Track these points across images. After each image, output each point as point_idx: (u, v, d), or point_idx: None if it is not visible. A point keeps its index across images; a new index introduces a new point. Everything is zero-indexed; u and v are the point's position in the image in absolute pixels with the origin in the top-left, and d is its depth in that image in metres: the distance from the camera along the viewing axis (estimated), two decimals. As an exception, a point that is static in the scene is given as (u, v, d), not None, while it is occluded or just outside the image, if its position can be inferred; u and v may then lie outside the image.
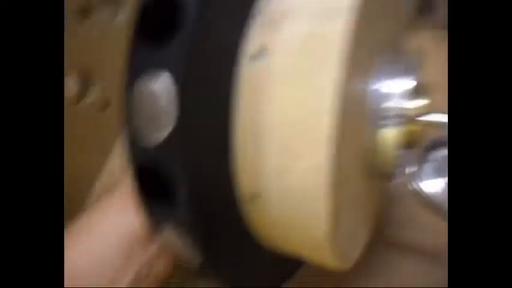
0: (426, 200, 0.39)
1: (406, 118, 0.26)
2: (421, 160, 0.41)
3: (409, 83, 0.25)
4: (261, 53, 0.20)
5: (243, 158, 0.21)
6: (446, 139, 0.48)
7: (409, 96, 0.25)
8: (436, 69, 0.54)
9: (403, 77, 0.25)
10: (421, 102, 0.26)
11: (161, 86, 0.18)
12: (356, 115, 0.23)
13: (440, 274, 0.38)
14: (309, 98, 0.19)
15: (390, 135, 0.25)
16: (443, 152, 0.42)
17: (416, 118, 0.25)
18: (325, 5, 0.20)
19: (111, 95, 0.35)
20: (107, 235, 0.22)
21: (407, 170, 0.29)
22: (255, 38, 0.21)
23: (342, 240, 0.24)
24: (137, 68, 0.18)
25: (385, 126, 0.25)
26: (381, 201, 0.38)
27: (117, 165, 0.37)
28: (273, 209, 0.22)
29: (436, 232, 0.37)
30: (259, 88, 0.20)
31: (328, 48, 0.18)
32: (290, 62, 0.19)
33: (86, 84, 0.35)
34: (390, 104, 0.25)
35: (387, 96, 0.25)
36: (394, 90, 0.25)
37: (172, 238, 0.20)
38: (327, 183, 0.18)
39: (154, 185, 0.19)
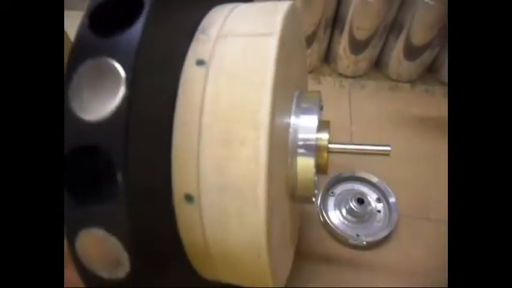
0: (331, 230, 0.45)
1: (317, 148, 0.29)
2: (325, 194, 0.48)
3: (316, 119, 0.29)
4: (203, 61, 0.22)
5: (182, 156, 0.22)
6: (348, 175, 0.56)
7: (317, 130, 0.29)
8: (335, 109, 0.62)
9: (311, 114, 0.29)
10: (326, 135, 0.30)
11: (111, 71, 0.17)
12: (279, 144, 0.25)
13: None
14: (248, 92, 0.21)
15: (306, 163, 0.29)
16: (341, 188, 0.50)
17: (325, 147, 0.30)
18: (257, 31, 0.23)
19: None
20: None
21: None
22: (199, 49, 0.23)
23: (276, 251, 0.25)
24: (83, 51, 0.18)
25: (301, 155, 0.29)
26: (298, 224, 0.41)
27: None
28: (207, 211, 0.22)
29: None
30: (201, 88, 0.22)
31: (263, 53, 0.21)
32: (231, 66, 0.22)
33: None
34: (305, 136, 0.29)
35: (302, 130, 0.29)
36: (306, 125, 0.29)
37: (102, 238, 0.18)
38: (265, 169, 0.20)
39: (89, 170, 0.18)
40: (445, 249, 0.44)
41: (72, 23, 0.24)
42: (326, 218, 0.46)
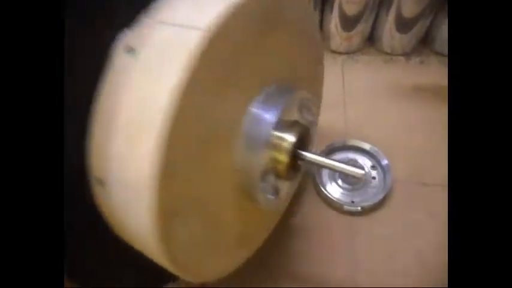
0: (325, 197, 0.45)
1: (274, 146, 0.27)
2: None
3: (274, 115, 0.27)
4: (132, 50, 0.22)
5: (96, 141, 0.22)
6: (339, 144, 0.55)
7: (282, 128, 0.27)
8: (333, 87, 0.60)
9: (271, 109, 0.27)
10: (291, 137, 0.28)
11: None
12: (223, 130, 0.25)
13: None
14: (155, 94, 0.20)
15: (259, 160, 0.27)
16: (335, 157, 0.50)
17: (287, 149, 0.27)
18: (188, 21, 0.22)
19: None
20: None
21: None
22: (130, 37, 0.22)
23: (180, 248, 0.24)
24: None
25: (256, 151, 0.26)
26: (263, 227, 0.38)
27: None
28: (114, 197, 0.22)
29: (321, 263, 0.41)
30: (122, 79, 0.21)
31: (180, 54, 0.20)
32: (149, 62, 0.21)
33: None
34: (265, 131, 0.26)
35: (264, 124, 0.26)
36: (271, 120, 0.26)
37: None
38: (155, 173, 0.19)
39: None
40: (443, 213, 0.44)
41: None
42: (320, 186, 0.46)
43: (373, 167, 0.49)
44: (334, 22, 0.62)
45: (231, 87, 0.24)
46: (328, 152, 0.50)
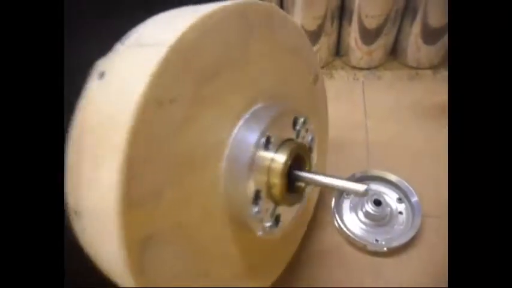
0: (347, 235, 0.41)
1: (262, 169, 0.24)
2: (339, 197, 0.44)
3: (256, 133, 0.24)
4: (104, 73, 0.21)
5: (70, 167, 0.21)
6: (361, 175, 0.51)
7: (271, 148, 0.25)
8: (348, 105, 0.56)
9: (266, 130, 0.24)
10: (282, 156, 0.25)
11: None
12: (203, 152, 0.23)
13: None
14: (116, 112, 0.19)
15: (245, 185, 0.24)
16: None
17: (279, 171, 0.25)
18: (150, 40, 0.21)
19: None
20: None
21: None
22: (103, 63, 0.22)
23: (160, 280, 0.22)
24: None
25: (241, 175, 0.24)
26: (276, 258, 0.34)
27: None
28: (88, 229, 0.21)
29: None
30: (91, 103, 0.21)
31: (142, 67, 0.20)
32: (112, 84, 0.21)
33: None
34: (249, 152, 0.24)
35: (247, 144, 0.24)
36: (254, 139, 0.24)
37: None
38: (117, 199, 0.18)
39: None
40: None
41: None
42: (341, 222, 0.42)
43: (399, 200, 0.44)
44: (353, 35, 0.57)
45: (206, 105, 0.23)
46: (349, 183, 0.45)
